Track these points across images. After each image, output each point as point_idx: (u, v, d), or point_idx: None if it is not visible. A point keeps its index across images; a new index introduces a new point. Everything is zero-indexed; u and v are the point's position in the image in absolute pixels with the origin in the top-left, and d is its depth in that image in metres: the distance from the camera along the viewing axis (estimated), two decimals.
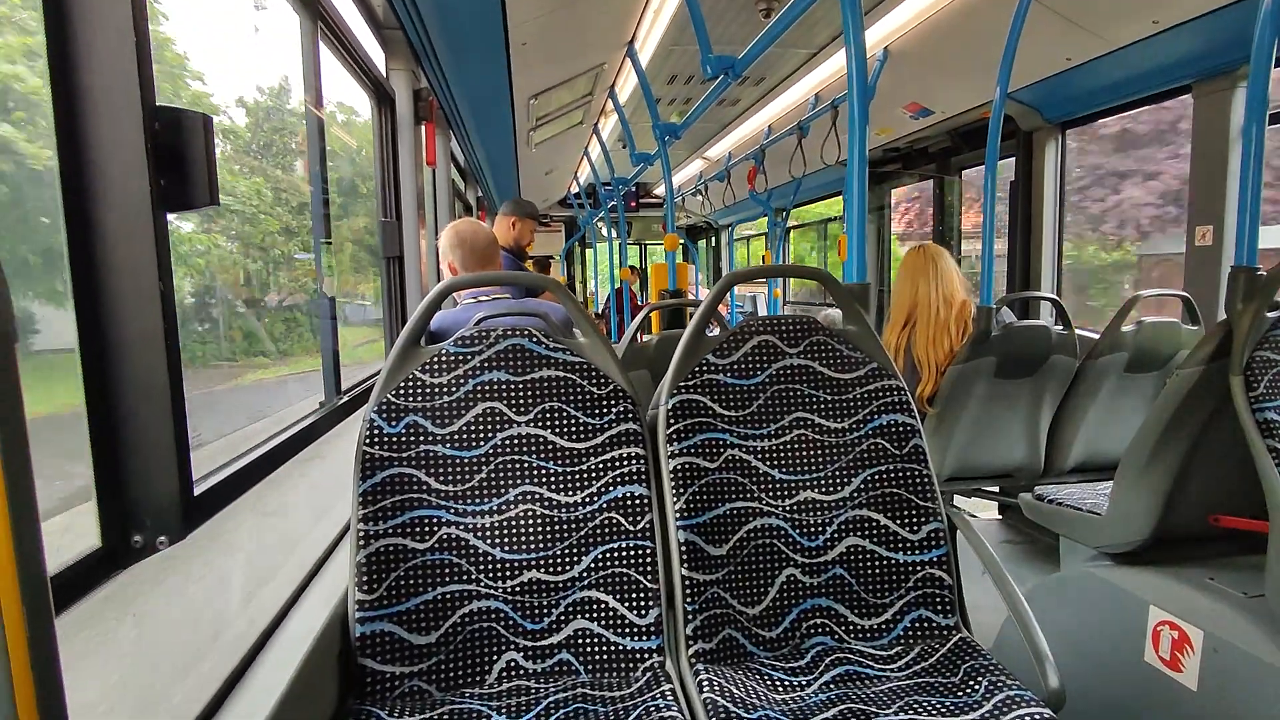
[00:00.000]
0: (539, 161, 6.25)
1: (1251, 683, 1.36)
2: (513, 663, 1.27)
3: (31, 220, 1.09)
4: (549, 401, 1.36)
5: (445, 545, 1.28)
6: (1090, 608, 1.72)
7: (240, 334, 2.30)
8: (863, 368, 1.47)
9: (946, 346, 2.59)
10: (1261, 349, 1.45)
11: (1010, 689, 1.14)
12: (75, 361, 0.80)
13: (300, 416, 1.62)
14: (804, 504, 1.40)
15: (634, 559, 1.31)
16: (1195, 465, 1.63)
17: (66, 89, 0.78)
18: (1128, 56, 2.85)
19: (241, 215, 2.27)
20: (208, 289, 2.04)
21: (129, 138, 0.80)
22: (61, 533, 0.85)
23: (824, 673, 1.27)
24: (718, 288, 1.56)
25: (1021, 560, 2.82)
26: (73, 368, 0.80)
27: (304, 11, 1.76)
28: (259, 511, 1.22)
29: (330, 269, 1.87)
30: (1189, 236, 2.85)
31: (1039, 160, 3.71)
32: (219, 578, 1.03)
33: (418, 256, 2.78)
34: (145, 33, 0.81)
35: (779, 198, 5.86)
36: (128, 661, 0.79)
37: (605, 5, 3.14)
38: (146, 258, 0.81)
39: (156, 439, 0.83)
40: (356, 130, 3.05)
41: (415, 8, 2.30)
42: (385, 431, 1.29)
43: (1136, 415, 1.71)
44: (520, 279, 1.46)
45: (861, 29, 1.76)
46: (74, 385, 0.80)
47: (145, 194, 0.81)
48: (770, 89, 4.74)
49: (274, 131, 2.45)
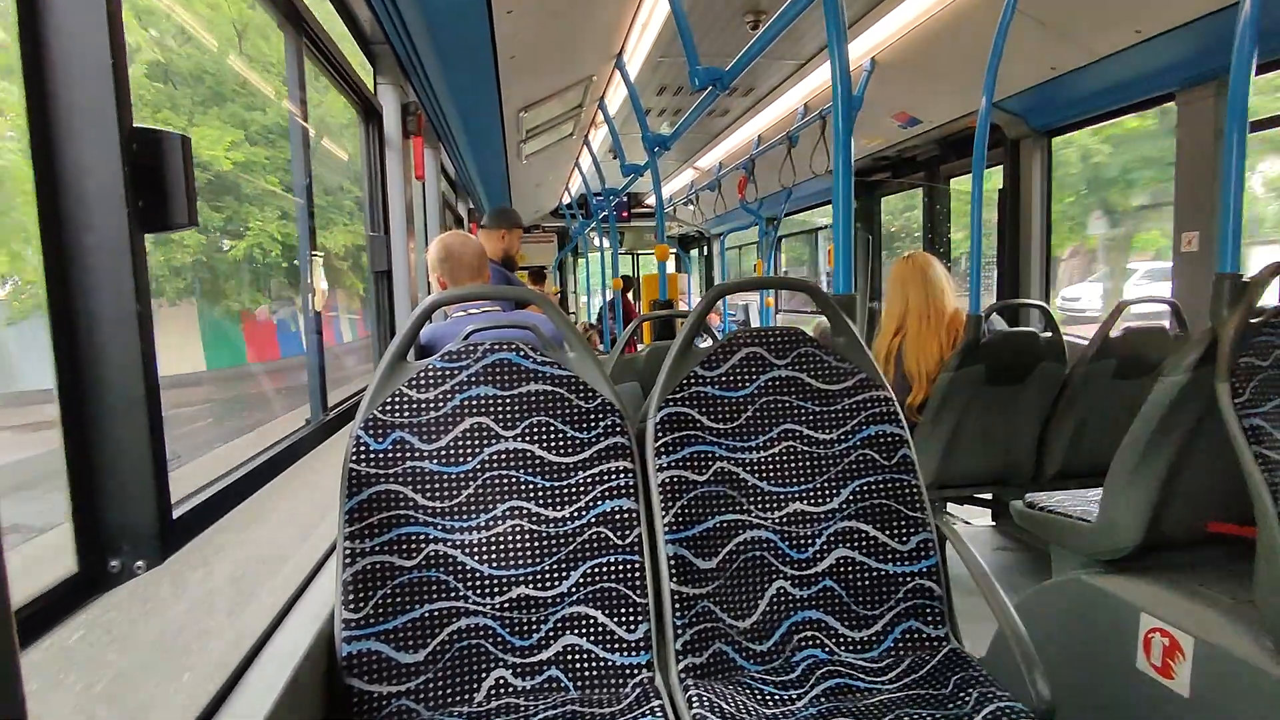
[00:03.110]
0: (530, 173, 6.26)
1: (1243, 688, 1.36)
2: (501, 680, 1.26)
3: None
4: (536, 416, 1.35)
5: (432, 562, 1.27)
6: (1081, 615, 1.71)
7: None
8: (851, 378, 1.47)
9: (936, 355, 2.60)
10: (1246, 355, 1.46)
11: (1001, 700, 1.13)
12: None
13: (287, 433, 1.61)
14: (793, 516, 1.40)
15: (623, 573, 1.31)
16: (1183, 472, 1.63)
17: (42, 110, 0.78)
18: (1111, 65, 2.88)
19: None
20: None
21: (106, 159, 0.79)
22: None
23: (814, 686, 1.27)
24: (705, 300, 1.56)
25: (1014, 567, 2.82)
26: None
27: (289, 26, 1.77)
28: (241, 533, 1.21)
29: (315, 283, 1.86)
30: (1175, 243, 2.87)
31: (1026, 168, 3.73)
32: (199, 601, 1.02)
33: (407, 271, 2.77)
34: (122, 53, 0.81)
35: (770, 207, 5.88)
36: (107, 688, 0.78)
37: (593, 17, 3.15)
38: (124, 279, 0.81)
39: (134, 462, 0.82)
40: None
41: (402, 22, 2.30)
42: (371, 448, 1.28)
43: (1126, 422, 1.71)
44: (506, 293, 1.46)
45: (845, 41, 1.77)
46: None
47: (123, 215, 0.80)
48: (759, 99, 4.77)
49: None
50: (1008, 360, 2.49)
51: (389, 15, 2.22)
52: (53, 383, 0.79)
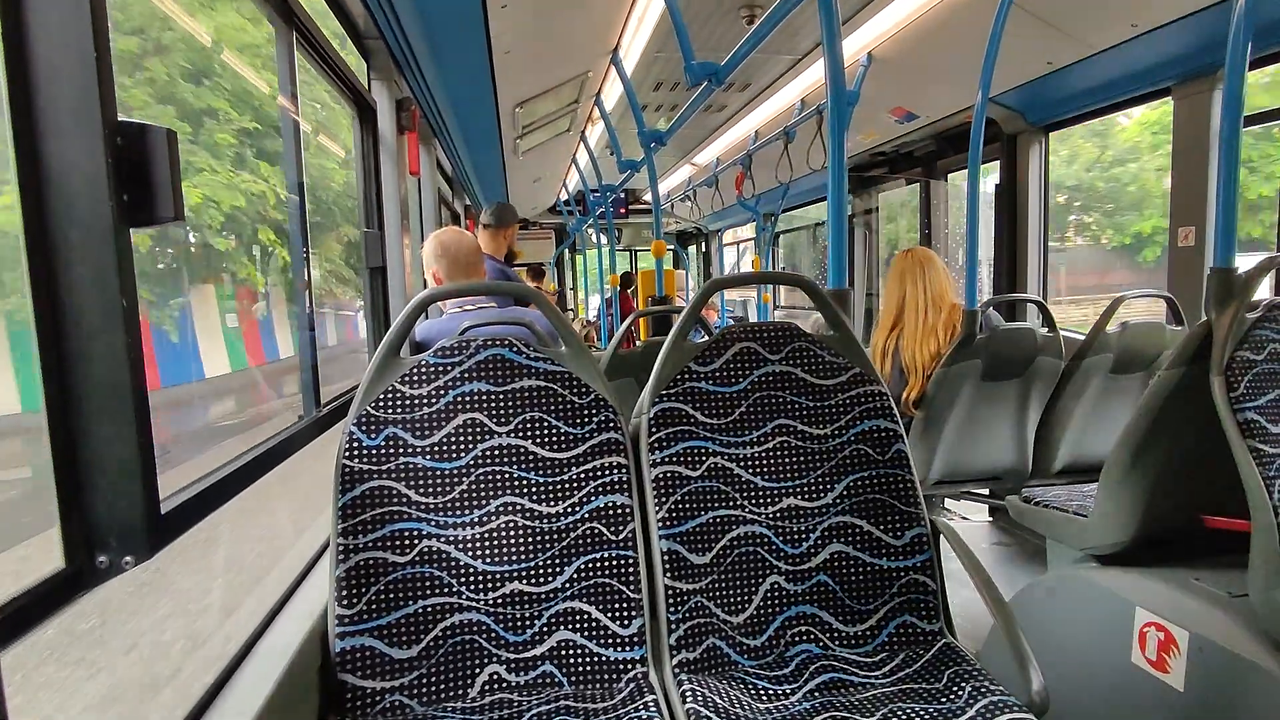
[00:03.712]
0: (527, 169, 6.25)
1: (1237, 682, 1.36)
2: (495, 675, 1.25)
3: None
4: (530, 412, 1.35)
5: (426, 558, 1.26)
6: (1077, 610, 1.72)
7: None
8: (845, 373, 1.46)
9: (934, 349, 2.59)
10: (1242, 349, 1.46)
11: (994, 694, 1.13)
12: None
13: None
14: (787, 511, 1.40)
15: (616, 569, 1.31)
16: (1178, 466, 1.63)
17: (25, 105, 0.77)
18: (1108, 60, 2.87)
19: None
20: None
21: (90, 153, 0.79)
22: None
23: (808, 681, 1.26)
24: (699, 295, 1.55)
25: (1010, 562, 2.82)
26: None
27: (280, 21, 1.76)
28: (233, 529, 1.21)
29: (308, 281, 1.86)
30: (1171, 237, 2.87)
31: (1023, 163, 3.73)
32: (189, 596, 1.02)
33: (402, 267, 2.76)
34: (106, 47, 0.80)
35: (767, 203, 5.87)
36: (93, 684, 0.78)
37: (589, 13, 3.14)
38: (109, 273, 0.80)
39: (121, 457, 0.82)
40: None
41: (396, 17, 2.29)
42: (365, 444, 1.28)
43: (1122, 416, 1.71)
44: (500, 288, 1.45)
45: (839, 37, 1.76)
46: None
47: (108, 209, 0.80)
48: (755, 95, 4.76)
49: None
50: (1004, 355, 2.49)
51: (382, 10, 2.21)
52: (38, 378, 0.78)
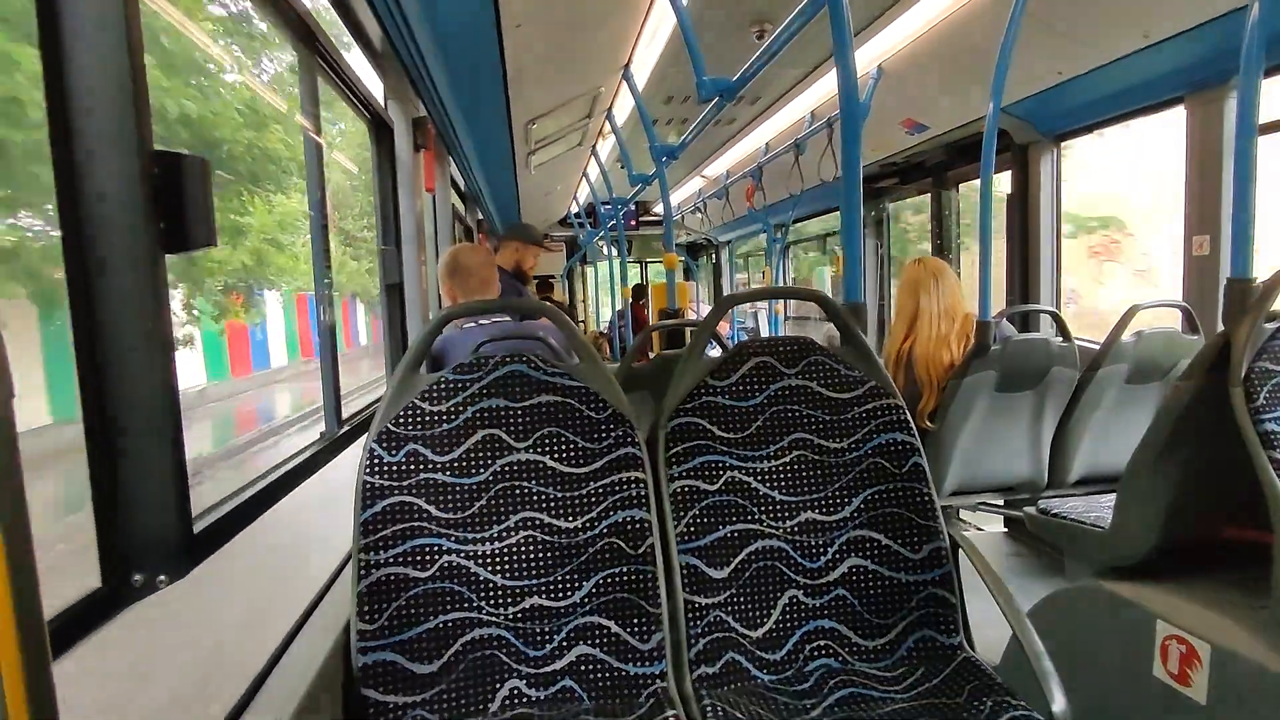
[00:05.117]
0: (538, 184, 6.30)
1: (1260, 695, 1.35)
2: (515, 690, 1.26)
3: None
4: (548, 427, 1.36)
5: (446, 573, 1.28)
6: (1096, 623, 1.70)
7: None
8: (861, 387, 1.47)
9: (946, 360, 2.59)
10: (1260, 360, 1.45)
11: (1016, 709, 1.13)
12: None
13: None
14: (805, 525, 1.40)
15: (635, 583, 1.31)
16: (1198, 477, 1.62)
17: (65, 134, 0.80)
18: (1120, 70, 2.87)
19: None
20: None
21: (127, 181, 0.81)
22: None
23: (828, 695, 1.26)
24: (713, 311, 1.57)
25: (1028, 574, 2.80)
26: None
27: (301, 46, 1.80)
28: (260, 546, 1.23)
29: (331, 301, 1.88)
30: (1186, 247, 2.85)
31: (1035, 173, 3.72)
32: (220, 614, 1.03)
33: (418, 283, 2.79)
34: (143, 78, 0.83)
35: (777, 214, 5.88)
36: (131, 699, 0.79)
37: (601, 30, 3.18)
38: (146, 298, 0.83)
39: (156, 478, 0.84)
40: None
41: (412, 38, 2.33)
42: (385, 460, 1.29)
43: (1139, 426, 1.69)
44: (516, 305, 1.47)
45: (851, 49, 1.78)
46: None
47: (145, 236, 0.82)
48: (766, 108, 4.78)
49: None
50: (1019, 366, 2.48)
51: (399, 32, 2.25)
52: (77, 401, 0.81)
